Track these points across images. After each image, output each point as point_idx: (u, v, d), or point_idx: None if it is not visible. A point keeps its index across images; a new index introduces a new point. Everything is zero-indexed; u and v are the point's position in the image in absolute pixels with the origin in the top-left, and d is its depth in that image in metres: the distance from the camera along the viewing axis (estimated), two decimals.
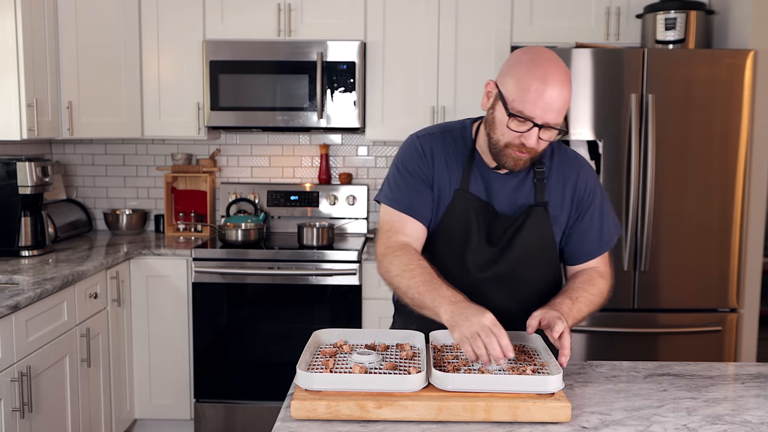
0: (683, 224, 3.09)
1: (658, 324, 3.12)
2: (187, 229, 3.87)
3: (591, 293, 1.66)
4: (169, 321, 3.38)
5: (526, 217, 1.69)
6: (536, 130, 1.54)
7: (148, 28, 3.55)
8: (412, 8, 3.52)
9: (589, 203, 1.73)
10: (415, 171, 1.71)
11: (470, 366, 1.47)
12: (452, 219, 1.70)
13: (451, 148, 1.72)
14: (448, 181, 1.70)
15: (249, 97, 3.51)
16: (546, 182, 1.71)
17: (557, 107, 1.52)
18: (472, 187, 1.70)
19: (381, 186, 1.78)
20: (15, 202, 3.06)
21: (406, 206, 1.70)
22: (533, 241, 1.70)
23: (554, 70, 1.53)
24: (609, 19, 3.49)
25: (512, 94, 1.54)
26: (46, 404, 2.54)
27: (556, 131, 1.57)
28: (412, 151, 1.73)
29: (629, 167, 3.04)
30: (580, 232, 1.74)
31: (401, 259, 1.63)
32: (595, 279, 1.71)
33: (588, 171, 1.76)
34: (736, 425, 1.37)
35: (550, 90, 1.51)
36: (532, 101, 1.52)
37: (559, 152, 1.75)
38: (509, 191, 1.70)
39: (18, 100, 2.97)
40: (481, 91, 3.66)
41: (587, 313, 1.65)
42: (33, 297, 2.40)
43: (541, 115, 1.52)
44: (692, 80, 3.04)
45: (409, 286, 1.58)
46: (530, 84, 1.52)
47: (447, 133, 1.75)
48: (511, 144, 1.58)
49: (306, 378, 1.36)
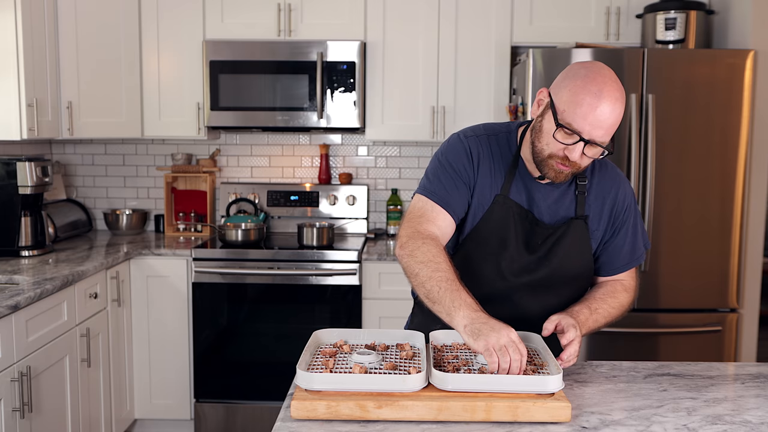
0: (683, 224, 3.08)
1: (658, 324, 3.12)
2: (187, 229, 3.87)
3: (611, 306, 1.67)
4: (169, 321, 3.38)
5: (567, 228, 1.69)
6: (581, 145, 1.53)
7: (148, 28, 3.55)
8: (412, 8, 3.52)
9: (625, 219, 1.74)
10: (458, 168, 1.68)
11: (470, 366, 1.47)
12: (490, 223, 1.69)
13: (496, 152, 1.70)
14: (489, 186, 1.69)
15: (249, 97, 3.51)
16: (586, 196, 1.71)
17: (607, 125, 1.51)
18: (513, 194, 1.68)
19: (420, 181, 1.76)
20: (15, 202, 3.06)
21: (443, 200, 1.67)
22: (572, 253, 1.70)
23: (610, 87, 1.51)
24: (609, 19, 3.49)
25: (564, 105, 1.53)
26: (46, 404, 2.54)
27: (601, 149, 1.55)
28: (458, 150, 1.70)
29: (629, 167, 3.04)
30: (614, 246, 1.75)
31: (429, 248, 1.57)
32: (618, 292, 1.73)
33: (627, 188, 1.76)
34: (736, 425, 1.37)
35: (603, 107, 1.49)
36: (582, 115, 1.50)
37: (600, 167, 1.74)
38: (550, 202, 1.70)
39: (18, 100, 2.97)
40: (481, 92, 3.69)
41: (603, 324, 1.66)
42: (33, 297, 2.40)
43: (589, 131, 1.51)
44: (692, 80, 3.04)
45: (431, 277, 1.53)
46: (584, 98, 1.50)
47: (492, 137, 1.73)
48: (555, 155, 1.57)
49: (306, 378, 1.36)
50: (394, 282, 3.28)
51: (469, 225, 1.71)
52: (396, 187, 3.92)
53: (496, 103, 3.54)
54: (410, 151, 3.93)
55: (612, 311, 1.68)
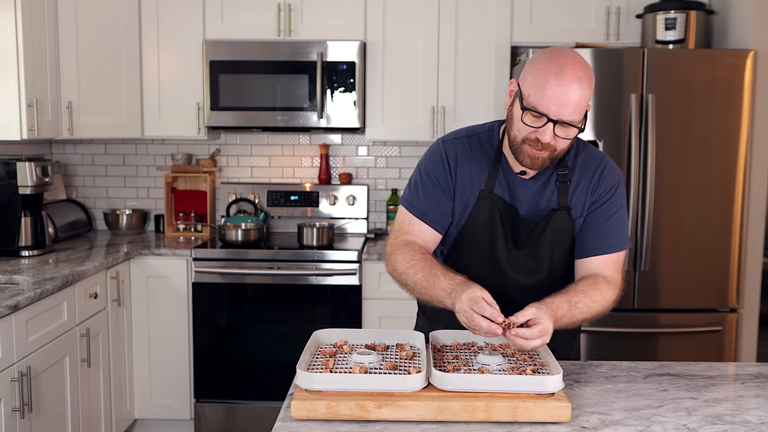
0: (683, 224, 3.08)
1: (658, 324, 3.12)
2: (187, 229, 3.87)
3: (593, 299, 1.62)
4: (169, 321, 3.38)
5: (548, 221, 1.69)
6: (551, 126, 1.54)
7: (148, 28, 3.55)
8: (412, 8, 3.52)
9: (606, 199, 1.71)
10: (435, 177, 1.72)
11: (470, 366, 1.47)
12: (478, 220, 1.71)
13: (477, 152, 1.72)
14: (471, 184, 1.71)
15: (249, 97, 3.51)
16: (569, 185, 1.70)
17: (572, 104, 1.51)
18: (497, 189, 1.70)
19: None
20: (15, 202, 3.06)
21: (420, 212, 1.72)
22: (558, 243, 1.70)
23: (571, 66, 1.52)
24: (609, 19, 3.49)
25: (529, 89, 1.55)
26: (46, 404, 2.54)
27: (573, 128, 1.56)
28: (435, 157, 1.74)
29: (629, 167, 3.04)
30: (587, 225, 1.72)
31: (404, 255, 1.67)
32: (600, 285, 1.67)
33: (612, 169, 1.74)
34: (736, 425, 1.37)
35: (565, 85, 1.50)
36: (546, 96, 1.51)
37: (584, 151, 1.74)
38: (531, 195, 1.70)
39: (18, 100, 2.97)
40: (481, 92, 3.69)
41: (581, 320, 1.62)
42: (33, 297, 2.40)
43: (555, 111, 1.52)
44: (692, 80, 3.04)
45: (415, 282, 1.63)
46: (546, 79, 1.51)
47: (473, 137, 1.75)
48: (528, 140, 1.58)
49: (306, 378, 1.36)
50: (394, 282, 3.28)
51: (458, 225, 1.74)
52: (396, 187, 3.92)
53: (496, 103, 3.54)
54: (410, 151, 3.93)
55: (593, 306, 1.62)
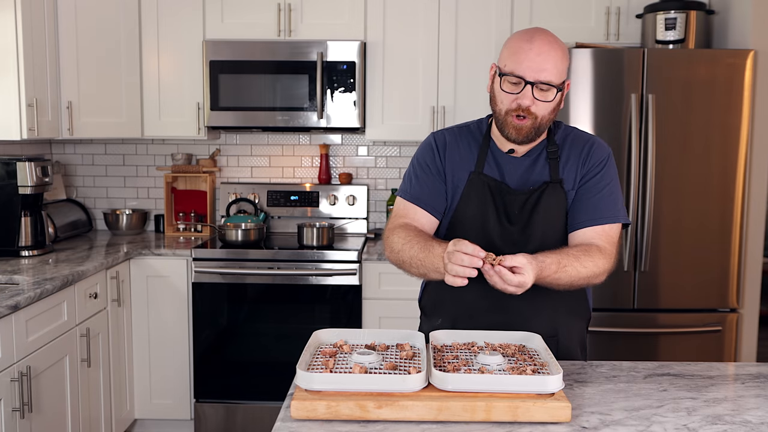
0: (683, 224, 3.09)
1: (658, 324, 3.12)
2: (187, 229, 3.87)
3: (583, 265, 1.63)
4: (169, 321, 3.38)
5: (542, 193, 1.72)
6: (529, 89, 1.61)
7: (148, 28, 3.55)
8: (412, 8, 3.52)
9: (596, 173, 1.75)
10: (426, 164, 1.80)
11: (470, 366, 1.47)
12: (469, 200, 1.76)
13: (466, 138, 1.81)
14: (461, 167, 1.78)
15: (249, 97, 3.51)
16: (559, 161, 1.75)
17: (547, 65, 1.61)
18: (487, 169, 1.77)
19: None
20: (15, 202, 3.06)
21: (415, 197, 1.79)
22: (551, 217, 1.73)
23: (541, 33, 1.64)
24: (609, 19, 3.49)
25: (504, 60, 1.66)
26: (46, 404, 2.54)
27: (551, 91, 1.63)
28: (425, 147, 1.84)
29: (629, 167, 3.04)
30: (578, 197, 1.75)
31: (400, 235, 1.72)
32: (594, 252, 1.67)
33: (601, 146, 1.79)
34: (736, 425, 1.37)
35: (536, 48, 1.61)
36: (520, 60, 1.61)
37: (573, 132, 1.81)
38: (522, 172, 1.76)
39: (18, 100, 2.97)
40: (481, 92, 3.69)
41: (566, 284, 1.63)
42: (33, 297, 2.40)
43: (531, 74, 1.61)
44: (692, 80, 3.04)
45: (411, 257, 1.67)
46: (519, 46, 1.63)
47: (464, 128, 1.85)
48: (510, 110, 1.65)
49: (306, 378, 1.36)
50: (394, 282, 3.28)
51: (451, 207, 1.79)
52: (396, 187, 3.92)
53: None
54: (410, 151, 3.93)
55: (582, 271, 1.62)
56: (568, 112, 3.04)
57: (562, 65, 1.64)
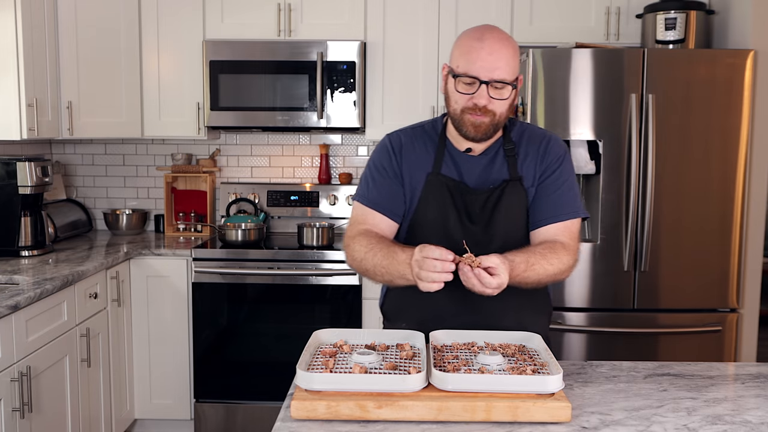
0: (683, 224, 3.08)
1: (658, 324, 3.12)
2: (187, 229, 3.87)
3: (549, 262, 1.63)
4: (169, 321, 3.38)
5: (502, 191, 1.72)
6: (484, 88, 1.61)
7: (148, 28, 3.55)
8: (412, 8, 3.52)
9: (555, 169, 1.75)
10: (383, 166, 1.78)
11: (470, 366, 1.47)
12: (428, 202, 1.75)
13: (422, 138, 1.80)
14: (419, 168, 1.76)
15: (249, 97, 3.51)
16: (517, 158, 1.75)
17: (499, 63, 1.60)
18: (444, 169, 1.75)
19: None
20: (15, 202, 3.06)
21: (373, 202, 1.77)
22: (512, 215, 1.72)
23: (491, 31, 1.64)
24: (609, 19, 3.49)
25: (457, 61, 1.65)
26: (46, 404, 2.54)
27: (506, 88, 1.63)
28: (380, 150, 1.82)
29: (629, 167, 3.04)
30: (539, 195, 1.75)
31: (361, 243, 1.70)
32: (559, 249, 1.68)
33: (557, 142, 1.79)
34: (736, 425, 1.37)
35: (488, 47, 1.61)
36: (472, 60, 1.61)
37: (528, 129, 1.81)
38: (480, 170, 1.75)
39: (18, 100, 2.97)
40: None
41: (534, 282, 1.63)
42: (33, 297, 2.40)
43: (485, 73, 1.60)
44: (692, 80, 3.04)
45: (375, 264, 1.65)
46: (469, 45, 1.63)
47: (418, 128, 1.83)
48: (466, 108, 1.65)
49: (306, 378, 1.36)
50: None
51: (410, 209, 1.77)
52: None
53: None
54: None
55: (549, 268, 1.63)
56: (568, 112, 3.04)
57: (514, 62, 1.64)
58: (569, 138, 3.06)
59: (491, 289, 1.49)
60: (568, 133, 3.05)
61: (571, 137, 3.06)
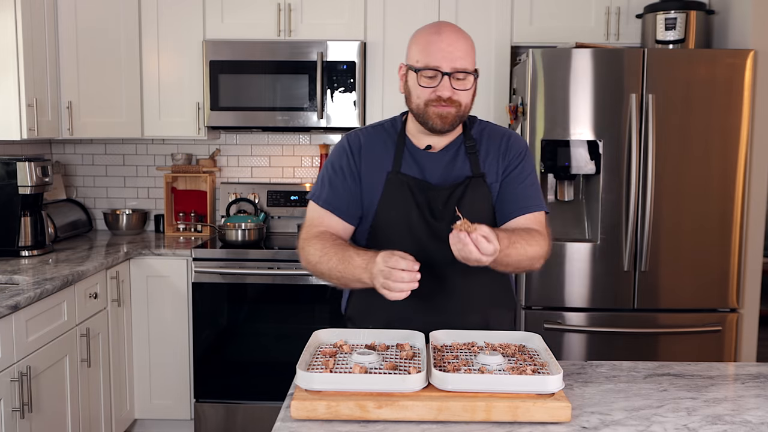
0: (683, 224, 3.08)
1: (658, 324, 3.12)
2: (187, 229, 3.87)
3: (529, 243, 1.63)
4: (169, 321, 3.38)
5: (465, 188, 1.72)
6: (447, 79, 1.63)
7: (148, 28, 3.55)
8: (412, 8, 3.52)
9: (517, 164, 1.76)
10: (340, 167, 1.77)
11: (470, 366, 1.47)
12: (389, 201, 1.74)
13: (381, 137, 1.79)
14: (379, 168, 1.75)
15: (249, 97, 3.51)
16: (479, 154, 1.75)
17: (458, 54, 1.62)
18: (405, 168, 1.75)
19: None
20: (15, 202, 3.06)
21: (328, 203, 1.76)
22: (477, 211, 1.71)
23: (446, 25, 1.67)
24: (609, 19, 3.49)
25: (416, 56, 1.66)
26: (46, 404, 2.54)
27: (468, 78, 1.64)
28: (338, 150, 1.80)
29: (629, 167, 3.04)
30: (506, 188, 1.75)
31: (316, 246, 1.69)
32: (535, 233, 1.68)
33: (517, 138, 1.81)
34: (736, 425, 1.37)
35: (446, 38, 1.63)
36: (432, 52, 1.63)
37: (488, 126, 1.82)
38: (442, 168, 1.74)
39: (18, 100, 2.97)
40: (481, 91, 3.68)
41: (514, 262, 1.62)
42: (33, 297, 2.40)
43: (446, 64, 1.62)
44: (692, 80, 3.04)
45: (330, 268, 1.65)
46: (427, 39, 1.65)
47: (378, 127, 1.83)
48: (430, 101, 1.65)
49: (306, 378, 1.36)
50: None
51: (372, 209, 1.76)
52: None
53: (496, 103, 3.54)
54: None
55: (529, 249, 1.63)
56: (568, 112, 3.04)
57: (473, 53, 1.66)
58: (569, 138, 3.06)
59: (487, 256, 1.46)
60: (568, 133, 3.05)
61: (571, 137, 3.06)
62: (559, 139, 3.06)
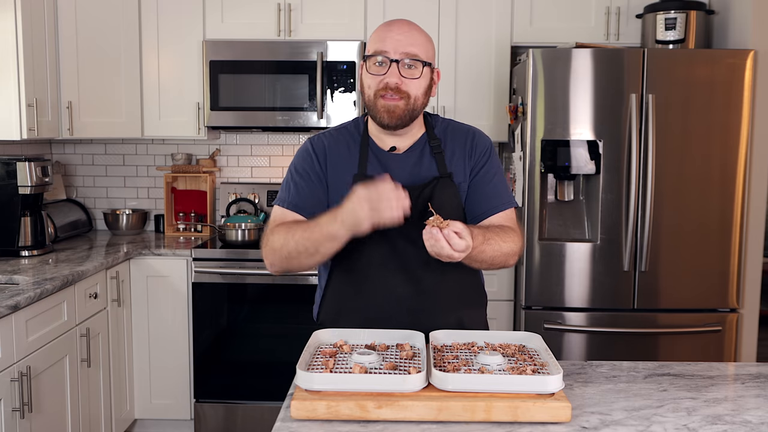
0: (683, 224, 3.08)
1: (658, 324, 3.12)
2: (187, 229, 3.87)
3: (503, 240, 1.64)
4: (169, 321, 3.38)
5: (434, 188, 1.70)
6: (395, 66, 1.63)
7: (148, 28, 3.55)
8: (412, 8, 3.52)
9: (484, 162, 1.76)
10: (305, 170, 1.74)
11: (470, 366, 1.47)
12: None
13: (345, 140, 1.77)
14: (344, 171, 1.73)
15: (249, 97, 3.51)
16: (444, 154, 1.74)
17: (408, 41, 1.63)
18: (371, 170, 1.73)
19: None
20: (15, 202, 3.06)
21: (292, 204, 1.73)
22: (446, 211, 1.67)
23: (402, 19, 1.70)
24: (609, 19, 3.49)
25: (369, 48, 1.68)
26: (46, 404, 2.54)
27: (417, 64, 1.64)
28: (302, 153, 1.78)
29: (629, 167, 3.04)
30: (475, 187, 1.75)
31: (279, 232, 1.65)
32: (509, 230, 1.68)
33: (481, 135, 1.80)
34: (736, 425, 1.37)
35: (397, 28, 1.65)
36: (381, 39, 1.65)
37: (451, 124, 1.81)
38: (409, 169, 1.73)
39: (18, 100, 2.97)
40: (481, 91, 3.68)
41: (488, 258, 1.62)
42: (33, 297, 2.40)
43: (393, 49, 1.63)
44: (692, 80, 3.04)
45: (297, 241, 1.60)
46: (379, 29, 1.68)
47: (342, 129, 1.81)
48: (378, 91, 1.65)
49: (306, 378, 1.36)
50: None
51: None
52: None
53: (496, 103, 3.54)
54: None
55: (503, 245, 1.63)
56: (568, 112, 3.04)
57: (428, 45, 1.67)
58: (569, 138, 3.06)
59: (459, 252, 1.46)
60: (568, 133, 3.05)
61: (571, 137, 3.06)
62: (559, 139, 3.06)
